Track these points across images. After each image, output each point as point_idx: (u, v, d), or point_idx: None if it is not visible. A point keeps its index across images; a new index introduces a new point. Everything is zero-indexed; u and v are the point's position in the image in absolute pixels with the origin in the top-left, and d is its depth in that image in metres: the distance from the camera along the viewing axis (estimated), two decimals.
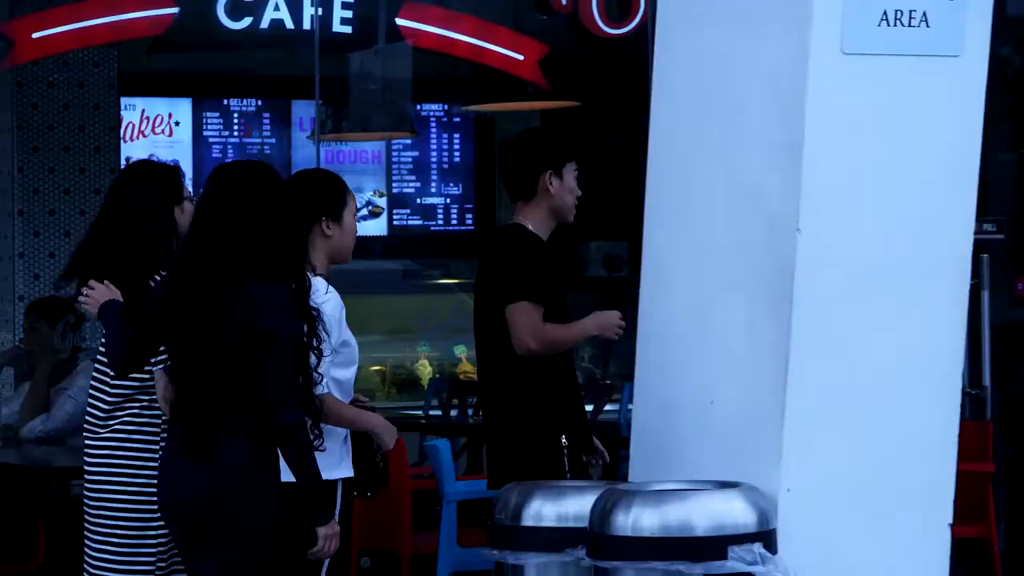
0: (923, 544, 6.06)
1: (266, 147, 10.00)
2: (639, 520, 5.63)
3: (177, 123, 9.79)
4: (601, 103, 9.00)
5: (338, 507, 7.20)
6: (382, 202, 10.45)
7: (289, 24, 8.78)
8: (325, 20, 8.80)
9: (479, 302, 8.04)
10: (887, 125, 5.88)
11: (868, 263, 5.88)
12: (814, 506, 5.79)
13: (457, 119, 10.41)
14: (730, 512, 5.60)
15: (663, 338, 6.30)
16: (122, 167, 9.66)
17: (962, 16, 5.91)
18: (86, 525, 6.93)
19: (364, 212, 10.28)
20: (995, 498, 8.93)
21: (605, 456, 7.94)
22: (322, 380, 6.74)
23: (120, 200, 7.22)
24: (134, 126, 9.67)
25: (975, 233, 6.24)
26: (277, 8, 8.83)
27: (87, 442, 7.07)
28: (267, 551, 6.18)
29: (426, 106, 10.20)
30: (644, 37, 6.51)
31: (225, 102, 9.99)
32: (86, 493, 6.98)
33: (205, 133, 9.96)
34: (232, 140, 10.02)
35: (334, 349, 7.08)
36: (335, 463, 7.16)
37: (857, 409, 5.89)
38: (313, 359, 6.59)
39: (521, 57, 8.98)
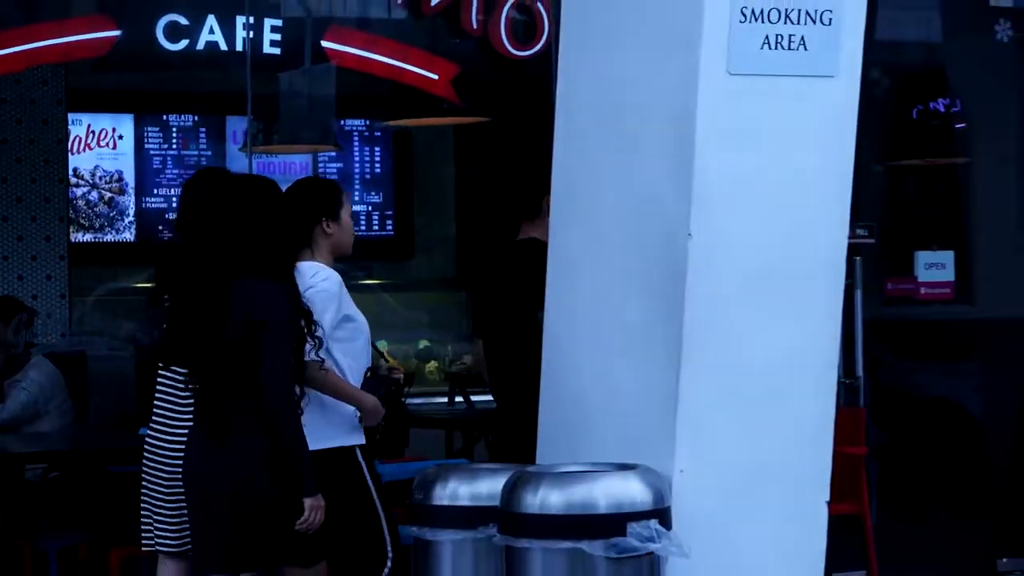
0: (803, 520, 6.03)
1: (202, 159, 9.91)
2: (546, 499, 5.57)
3: (120, 137, 9.69)
4: (510, 119, 8.90)
5: (365, 469, 7.27)
6: None
7: (223, 46, 8.70)
8: (256, 43, 8.73)
9: (501, 305, 8.11)
10: (770, 139, 5.85)
11: (753, 265, 5.84)
12: (704, 486, 5.75)
13: (378, 133, 10.32)
14: (628, 492, 5.55)
15: (568, 334, 6.24)
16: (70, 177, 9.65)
17: (837, 40, 5.89)
18: (160, 503, 6.92)
19: None
20: (867, 478, 8.88)
21: None
22: (323, 361, 6.84)
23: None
24: (81, 139, 9.55)
25: (849, 238, 6.23)
26: (212, 32, 8.74)
27: (163, 436, 7.03)
28: (282, 528, 6.23)
29: (349, 121, 10.10)
30: (548, 58, 6.44)
31: (164, 118, 9.89)
32: (163, 477, 6.91)
33: (146, 146, 9.85)
34: (171, 153, 9.91)
35: (338, 323, 7.20)
36: (346, 432, 7.24)
37: (743, 399, 5.85)
38: (309, 345, 6.66)
39: (435, 76, 8.92)
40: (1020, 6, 10.64)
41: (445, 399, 10.08)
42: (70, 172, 9.41)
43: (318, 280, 7.14)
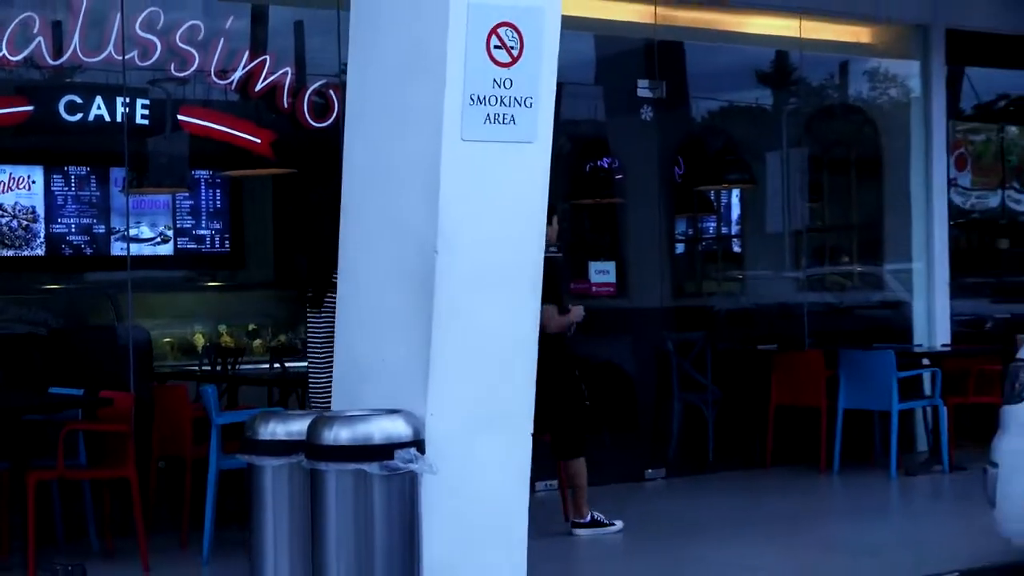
0: (514, 445, 6.04)
1: (93, 198, 9.71)
2: (338, 435, 5.54)
3: (34, 182, 9.43)
4: (309, 171, 8.79)
5: None
6: (170, 233, 10.13)
7: (107, 118, 8.53)
8: (131, 116, 8.56)
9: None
10: (490, 184, 5.86)
11: (478, 271, 5.84)
12: (447, 424, 5.74)
13: (218, 180, 10.12)
14: (395, 429, 5.54)
15: (354, 321, 6.21)
16: None
17: (535, 118, 5.91)
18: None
19: (159, 239, 10.01)
20: None
21: None
22: None
23: None
24: (4, 183, 9.28)
25: (545, 252, 6.29)
26: (99, 107, 8.57)
27: (320, 355, 7.60)
28: None
29: (197, 171, 9.89)
30: (339, 128, 6.37)
31: (65, 168, 9.61)
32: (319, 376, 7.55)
33: (52, 188, 9.57)
34: (71, 193, 9.65)
35: None
36: None
37: (473, 362, 5.86)
38: None
39: (259, 140, 8.80)
40: (657, 96, 10.80)
41: (267, 365, 9.97)
42: None
43: None
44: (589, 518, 7.83)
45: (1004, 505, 5.90)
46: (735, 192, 11.65)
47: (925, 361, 10.55)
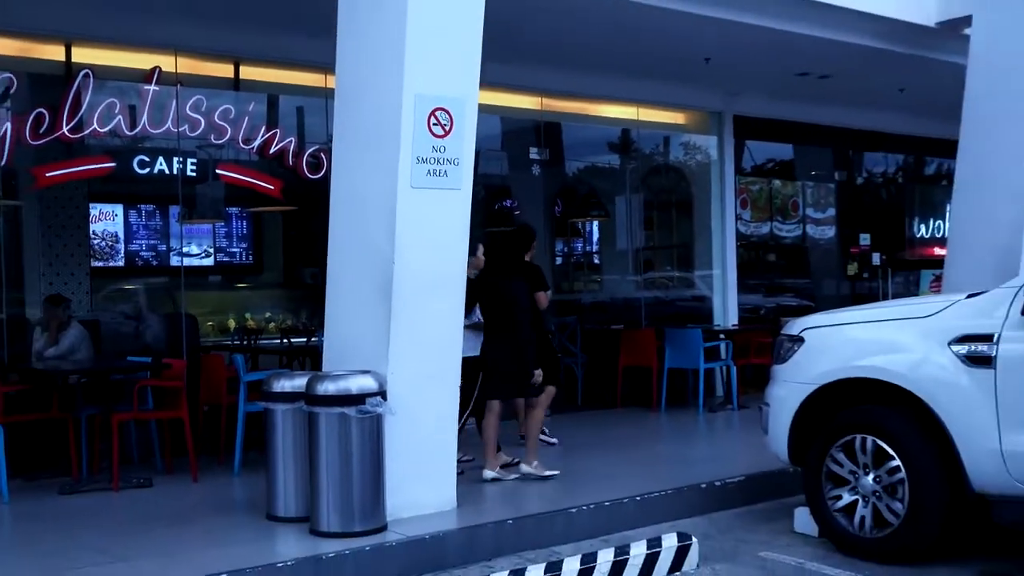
0: (446, 395, 6.01)
1: (157, 226, 9.57)
2: (327, 388, 5.49)
3: (116, 215, 9.38)
4: (307, 208, 8.67)
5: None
6: (211, 250, 10.06)
7: (167, 172, 8.55)
8: (183, 170, 8.51)
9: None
10: (430, 218, 5.83)
11: (423, 278, 5.81)
12: (401, 380, 5.69)
13: (245, 214, 9.99)
14: (367, 383, 5.50)
15: (338, 312, 6.14)
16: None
17: (460, 173, 5.89)
18: None
19: (203, 255, 9.89)
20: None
21: None
22: None
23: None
24: (95, 216, 9.18)
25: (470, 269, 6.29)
26: (161, 164, 8.54)
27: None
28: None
29: (230, 208, 9.75)
30: (327, 178, 6.31)
31: (138, 205, 9.53)
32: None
33: (129, 219, 9.48)
34: (141, 223, 9.55)
35: None
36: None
37: (419, 339, 5.81)
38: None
39: (272, 187, 8.70)
40: (543, 158, 10.79)
41: (278, 340, 9.86)
42: (91, 231, 8.91)
43: None
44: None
45: (772, 432, 5.95)
46: (595, 223, 11.68)
47: (721, 336, 10.62)
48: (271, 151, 8.59)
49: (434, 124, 5.78)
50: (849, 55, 9.65)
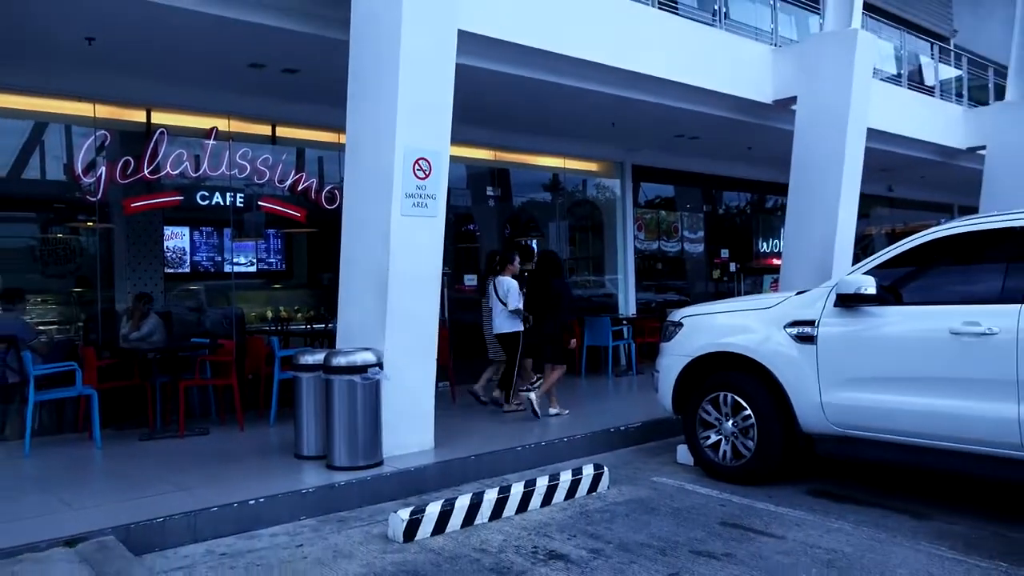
0: (426, 366, 5.91)
1: (215, 243, 9.33)
2: (339, 361, 5.36)
3: (183, 235, 9.07)
4: (326, 230, 8.51)
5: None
6: (255, 261, 9.73)
7: (221, 203, 8.38)
8: (234, 202, 8.34)
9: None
10: (415, 237, 5.72)
11: (409, 277, 5.72)
12: (395, 354, 5.59)
13: (280, 234, 9.72)
14: (369, 357, 5.38)
15: (349, 306, 6.01)
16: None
17: (437, 204, 5.79)
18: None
19: (249, 264, 9.63)
20: (449, 347, 8.45)
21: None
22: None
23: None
24: (168, 236, 8.91)
25: (444, 266, 6.19)
26: (218, 198, 8.31)
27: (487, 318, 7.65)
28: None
29: (268, 230, 9.51)
30: (340, 208, 6.16)
31: (201, 228, 9.20)
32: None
33: (193, 238, 9.19)
34: (202, 240, 9.27)
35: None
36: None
37: (407, 324, 5.71)
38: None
39: (299, 215, 8.54)
40: (496, 195, 10.71)
41: (304, 326, 9.67)
42: (164, 247, 8.66)
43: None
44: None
45: (661, 391, 5.96)
46: (534, 241, 11.59)
47: (624, 322, 10.63)
48: (299, 188, 8.44)
49: (417, 169, 5.69)
50: (712, 123, 9.71)
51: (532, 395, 7.08)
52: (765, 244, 14.52)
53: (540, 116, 9.23)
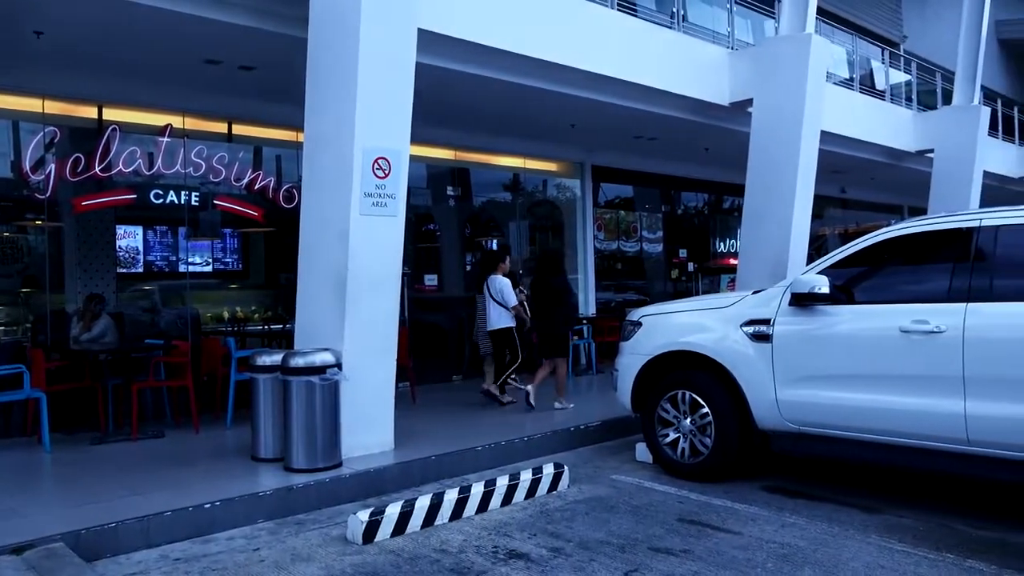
0: (385, 364, 5.87)
1: (168, 243, 9.16)
2: (297, 362, 5.28)
3: (136, 234, 8.87)
4: (284, 230, 8.40)
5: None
6: (210, 260, 9.54)
7: (176, 201, 8.21)
8: (189, 200, 8.17)
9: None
10: (374, 236, 5.67)
11: (367, 279, 5.67)
12: (353, 355, 5.54)
13: (236, 234, 9.55)
14: (328, 357, 5.32)
15: (307, 305, 5.93)
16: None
17: (397, 204, 5.75)
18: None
19: (204, 264, 9.45)
20: (409, 344, 8.45)
21: None
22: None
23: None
24: (121, 235, 8.68)
25: (404, 266, 6.15)
26: (173, 196, 8.15)
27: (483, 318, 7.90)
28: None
29: (224, 229, 9.35)
30: (298, 207, 6.08)
31: (154, 227, 9.04)
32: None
33: (147, 237, 9.00)
34: (157, 240, 9.08)
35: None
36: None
37: (366, 326, 5.67)
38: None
39: (256, 214, 8.41)
40: (456, 194, 10.68)
41: (260, 327, 9.53)
42: (116, 246, 8.45)
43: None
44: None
45: (620, 389, 5.99)
46: (494, 241, 11.58)
47: (584, 321, 10.69)
48: (256, 187, 8.32)
49: (377, 169, 5.65)
50: (671, 124, 9.81)
51: (530, 387, 7.50)
52: (722, 244, 14.71)
53: (501, 116, 9.23)
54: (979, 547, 4.09)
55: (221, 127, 8.36)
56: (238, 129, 8.44)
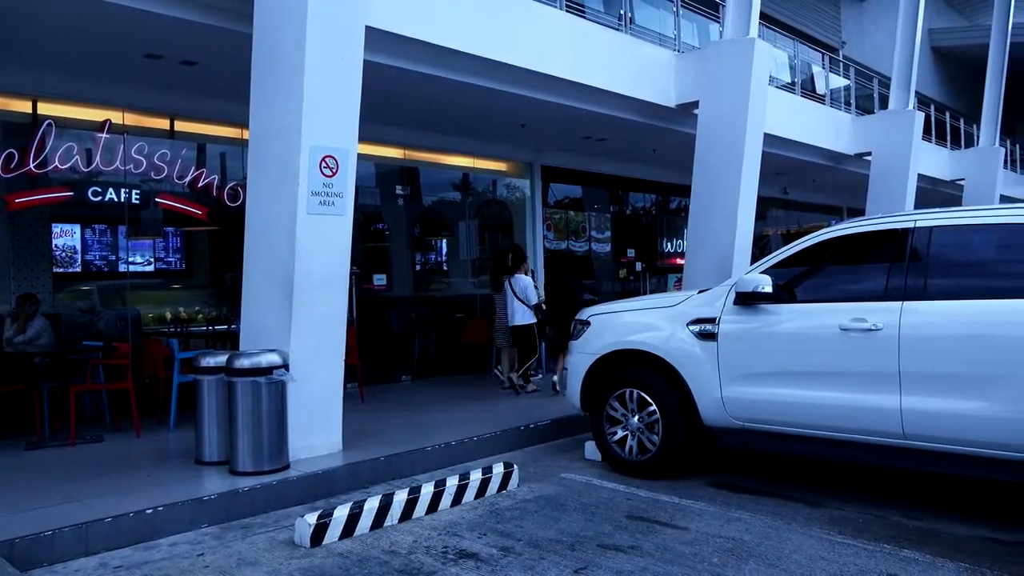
0: (333, 366, 5.79)
1: (108, 242, 8.88)
2: (243, 363, 5.19)
3: (75, 232, 8.55)
4: (229, 228, 8.21)
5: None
6: (152, 260, 9.29)
7: (116, 200, 7.93)
8: (129, 198, 7.93)
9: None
10: (321, 236, 5.59)
11: (318, 278, 5.59)
12: (300, 356, 5.46)
13: (179, 232, 9.27)
14: (274, 358, 5.24)
15: (253, 305, 5.82)
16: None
17: (345, 203, 5.67)
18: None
19: (146, 263, 9.18)
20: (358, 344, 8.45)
21: None
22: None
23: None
24: (57, 233, 8.39)
25: (352, 265, 6.07)
26: (110, 194, 7.88)
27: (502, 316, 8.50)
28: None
29: (167, 228, 9.06)
30: (243, 206, 5.97)
31: (93, 225, 8.70)
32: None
33: (85, 236, 8.69)
34: (95, 239, 8.75)
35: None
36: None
37: (314, 325, 5.59)
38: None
39: (200, 212, 8.23)
40: (405, 193, 10.60)
41: (205, 328, 9.31)
42: (53, 245, 8.17)
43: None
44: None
45: (569, 388, 6.03)
46: (444, 240, 11.56)
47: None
48: (199, 185, 8.14)
49: (324, 167, 5.57)
50: (619, 125, 9.91)
51: (514, 375, 8.40)
52: (669, 244, 14.92)
53: (450, 116, 9.20)
54: (914, 537, 4.23)
55: (163, 123, 8.14)
56: (181, 126, 8.24)
